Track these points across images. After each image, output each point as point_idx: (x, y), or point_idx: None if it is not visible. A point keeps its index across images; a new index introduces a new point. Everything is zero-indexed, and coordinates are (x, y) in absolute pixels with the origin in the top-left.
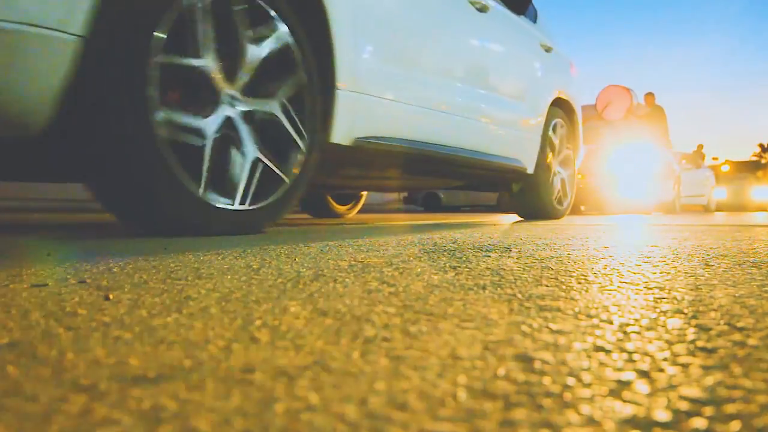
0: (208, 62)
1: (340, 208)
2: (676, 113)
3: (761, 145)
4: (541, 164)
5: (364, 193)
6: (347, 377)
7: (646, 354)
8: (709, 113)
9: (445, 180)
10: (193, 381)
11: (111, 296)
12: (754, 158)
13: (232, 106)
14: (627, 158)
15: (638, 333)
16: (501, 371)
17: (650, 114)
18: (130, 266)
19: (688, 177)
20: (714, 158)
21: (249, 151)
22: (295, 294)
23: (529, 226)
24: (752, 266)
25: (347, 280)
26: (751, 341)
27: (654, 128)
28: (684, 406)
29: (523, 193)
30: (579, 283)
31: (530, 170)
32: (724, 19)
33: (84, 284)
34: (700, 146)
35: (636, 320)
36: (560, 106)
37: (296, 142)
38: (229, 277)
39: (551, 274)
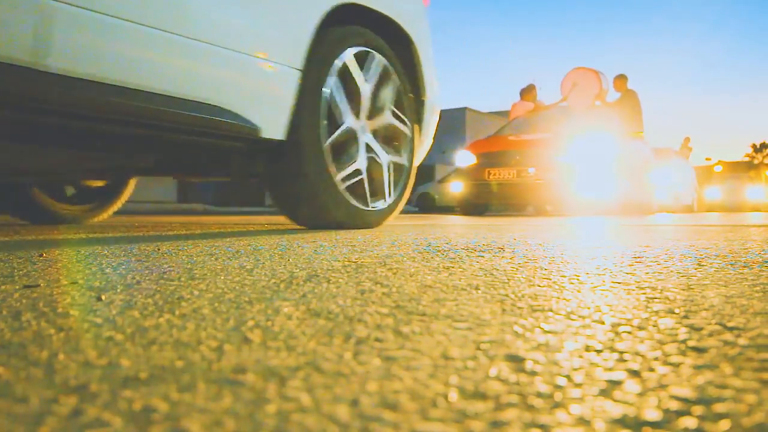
0: None
1: (70, 209)
2: (666, 112)
3: (754, 146)
4: (309, 126)
5: (128, 183)
6: (339, 378)
7: (637, 354)
8: (701, 113)
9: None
10: (184, 382)
11: (103, 297)
12: (747, 158)
13: None
14: (587, 151)
15: (630, 333)
16: (492, 371)
17: (621, 100)
18: (123, 267)
19: (671, 174)
20: (707, 158)
21: None
22: (288, 295)
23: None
24: (744, 266)
25: (341, 280)
26: (742, 341)
27: (625, 116)
28: (674, 405)
29: (278, 177)
30: (571, 283)
31: (274, 134)
32: (715, 19)
33: (76, 285)
34: (687, 139)
35: (628, 320)
36: (374, 27)
37: None
38: (222, 277)
39: (544, 275)
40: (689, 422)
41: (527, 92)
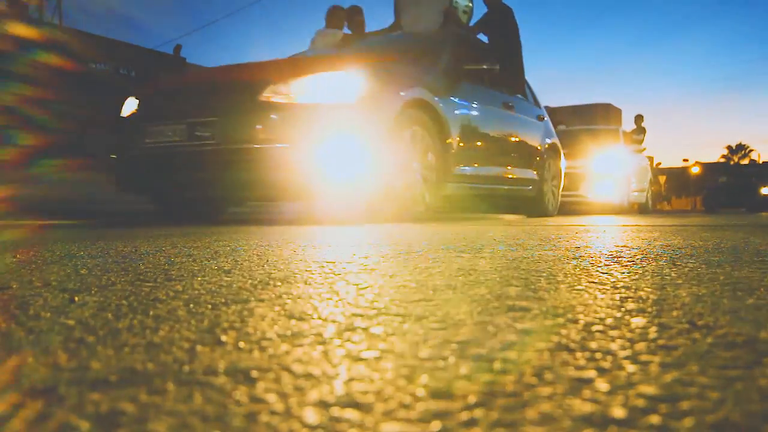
0: None
1: None
2: (646, 116)
3: (729, 147)
4: None
5: None
6: (309, 379)
7: (608, 352)
8: (674, 116)
9: None
10: (154, 384)
11: (76, 299)
12: (722, 160)
13: None
14: (340, 90)
15: (602, 332)
16: (463, 371)
17: (482, 22)
18: (99, 268)
19: (611, 162)
20: (684, 159)
21: None
22: (264, 296)
23: None
24: (717, 266)
25: (317, 281)
26: (710, 339)
27: (485, 45)
28: (641, 403)
29: None
30: (548, 283)
31: None
32: (691, 24)
33: (49, 287)
34: (640, 117)
35: (601, 319)
36: None
37: None
38: (199, 279)
39: (521, 274)
40: (654, 419)
41: (332, 15)
